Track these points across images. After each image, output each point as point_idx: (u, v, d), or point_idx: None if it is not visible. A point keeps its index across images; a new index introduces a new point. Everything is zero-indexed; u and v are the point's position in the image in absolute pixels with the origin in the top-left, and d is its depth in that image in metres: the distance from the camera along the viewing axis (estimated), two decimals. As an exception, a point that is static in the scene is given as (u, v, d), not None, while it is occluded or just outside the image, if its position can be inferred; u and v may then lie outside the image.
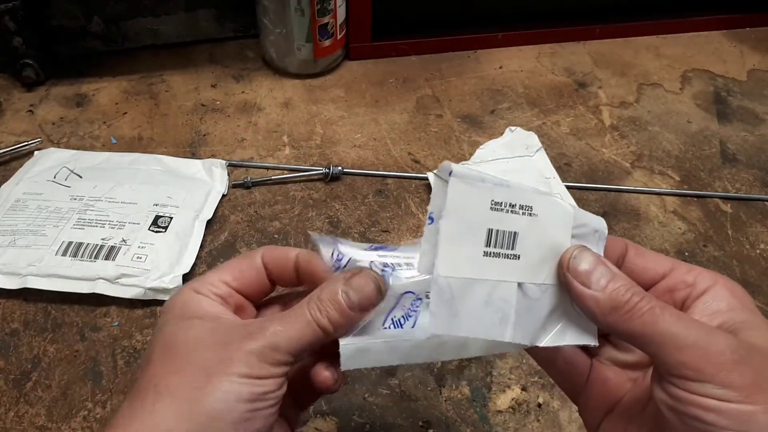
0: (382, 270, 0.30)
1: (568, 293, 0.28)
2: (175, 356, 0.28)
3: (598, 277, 0.27)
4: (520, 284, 0.28)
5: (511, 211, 0.28)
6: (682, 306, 0.29)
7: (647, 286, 0.29)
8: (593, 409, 0.31)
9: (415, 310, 0.30)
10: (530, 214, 0.28)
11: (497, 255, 0.28)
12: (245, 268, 0.32)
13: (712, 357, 0.24)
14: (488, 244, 0.27)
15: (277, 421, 0.29)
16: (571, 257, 0.28)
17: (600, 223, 0.30)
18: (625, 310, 0.26)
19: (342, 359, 0.29)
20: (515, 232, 0.28)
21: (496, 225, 0.27)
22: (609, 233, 0.30)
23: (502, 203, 0.28)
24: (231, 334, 0.28)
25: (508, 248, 0.28)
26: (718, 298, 0.27)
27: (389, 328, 0.30)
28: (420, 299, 0.30)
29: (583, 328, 0.29)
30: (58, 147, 0.72)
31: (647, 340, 0.25)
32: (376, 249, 0.32)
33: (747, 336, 0.26)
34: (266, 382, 0.27)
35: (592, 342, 0.30)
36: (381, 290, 0.29)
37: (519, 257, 0.28)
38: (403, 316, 0.30)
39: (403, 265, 0.31)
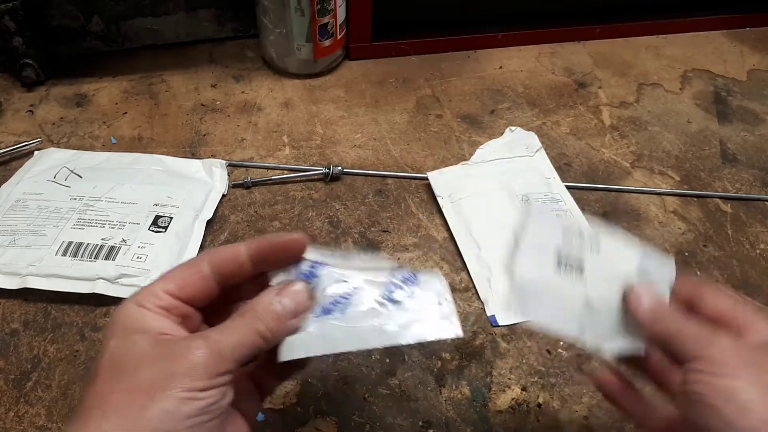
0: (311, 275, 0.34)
1: (626, 311, 0.35)
2: (120, 374, 0.28)
3: (647, 299, 0.35)
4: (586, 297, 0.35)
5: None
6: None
7: (712, 323, 0.34)
8: None
9: (343, 300, 0.34)
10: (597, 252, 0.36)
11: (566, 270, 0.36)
12: (189, 275, 0.32)
13: (711, 344, 0.30)
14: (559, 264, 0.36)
15: (228, 420, 0.30)
16: (633, 286, 0.35)
17: (668, 271, 0.37)
18: (662, 320, 0.33)
19: (279, 351, 0.32)
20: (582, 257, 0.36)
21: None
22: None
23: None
24: (174, 347, 0.29)
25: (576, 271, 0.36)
26: (760, 330, 0.32)
27: (333, 306, 0.33)
28: (347, 296, 0.34)
29: (632, 340, 0.35)
30: (58, 147, 0.72)
31: (674, 338, 0.32)
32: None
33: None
34: (210, 393, 0.28)
35: (640, 350, 0.35)
36: (312, 296, 0.33)
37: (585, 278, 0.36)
38: (331, 303, 0.33)
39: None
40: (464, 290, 0.57)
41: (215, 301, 0.34)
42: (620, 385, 0.38)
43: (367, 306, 0.33)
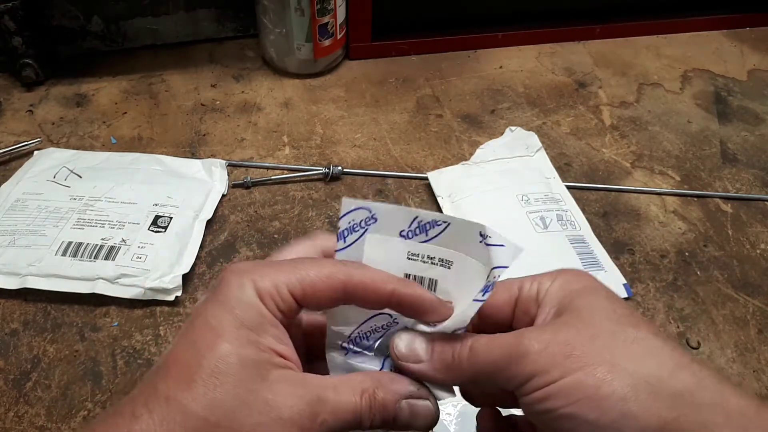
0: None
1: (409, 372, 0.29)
2: (218, 402, 0.24)
3: (420, 352, 0.28)
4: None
5: (431, 263, 0.29)
6: (533, 320, 0.29)
7: (508, 318, 0.30)
8: None
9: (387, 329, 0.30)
10: (448, 267, 0.29)
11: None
12: (321, 280, 0.26)
13: (523, 356, 0.26)
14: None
15: None
16: (394, 346, 0.28)
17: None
18: (453, 364, 0.27)
19: (330, 367, 0.30)
20: (435, 279, 0.29)
21: (413, 272, 0.29)
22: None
23: (418, 255, 0.29)
24: (284, 401, 0.25)
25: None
26: (551, 292, 0.29)
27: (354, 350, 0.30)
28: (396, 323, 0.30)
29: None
30: (58, 147, 0.72)
31: (484, 378, 0.27)
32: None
33: (570, 307, 0.27)
34: None
35: (451, 395, 0.30)
36: (434, 421, 0.28)
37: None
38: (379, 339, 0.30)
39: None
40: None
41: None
42: (496, 423, 0.33)
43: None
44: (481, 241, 0.28)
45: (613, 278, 0.57)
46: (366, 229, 0.29)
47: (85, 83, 0.83)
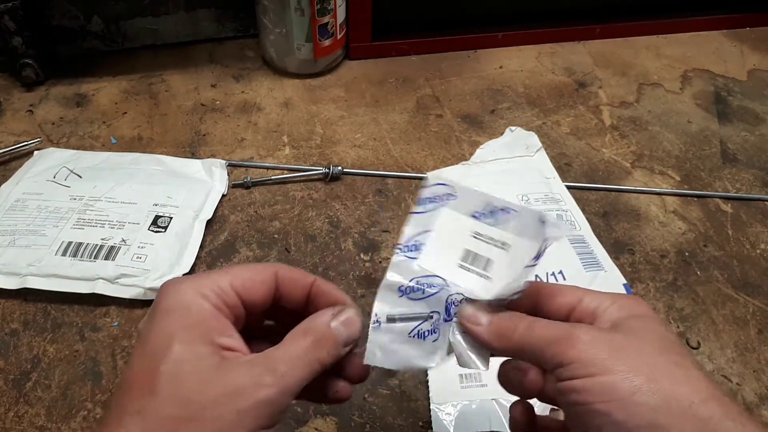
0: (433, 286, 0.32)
1: (465, 335, 0.32)
2: (185, 398, 0.26)
3: (482, 318, 0.32)
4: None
5: (492, 244, 0.33)
6: None
7: (563, 320, 0.32)
8: None
9: (438, 328, 0.32)
10: (506, 249, 0.33)
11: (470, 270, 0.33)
12: (256, 280, 0.30)
13: (572, 343, 0.28)
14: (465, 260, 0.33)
15: None
16: (462, 309, 0.32)
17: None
18: (507, 333, 0.30)
19: (367, 354, 0.31)
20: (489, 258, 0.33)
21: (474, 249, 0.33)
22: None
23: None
24: (240, 378, 0.27)
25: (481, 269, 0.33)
26: (609, 311, 0.30)
27: (414, 337, 0.32)
28: (449, 320, 0.32)
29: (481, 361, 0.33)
30: (58, 147, 0.72)
31: (529, 350, 0.29)
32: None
33: (625, 324, 0.29)
34: (271, 429, 0.27)
35: (484, 367, 0.32)
36: (360, 330, 0.31)
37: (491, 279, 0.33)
38: (428, 331, 0.32)
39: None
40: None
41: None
42: (527, 414, 0.35)
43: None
44: (539, 225, 0.32)
45: (613, 278, 0.57)
46: (444, 204, 0.33)
47: (85, 83, 0.83)
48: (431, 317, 0.32)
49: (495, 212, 0.33)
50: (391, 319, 0.32)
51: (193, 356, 0.27)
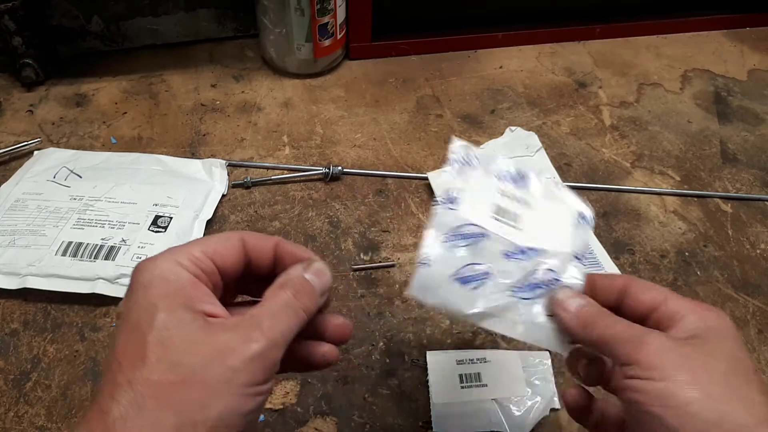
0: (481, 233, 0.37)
1: (552, 318, 0.35)
2: (174, 360, 0.26)
3: (570, 306, 0.34)
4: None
5: (516, 201, 0.39)
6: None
7: (644, 317, 0.33)
8: None
9: (481, 279, 0.36)
10: (529, 207, 0.39)
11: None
12: (225, 246, 0.31)
13: (643, 346, 0.30)
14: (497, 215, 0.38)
15: None
16: (555, 293, 0.35)
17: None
18: (590, 325, 0.33)
19: (413, 286, 0.35)
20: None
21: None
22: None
23: None
24: (228, 337, 0.27)
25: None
26: (689, 320, 0.32)
27: (456, 281, 0.35)
28: (488, 274, 0.36)
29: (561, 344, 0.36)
30: (58, 147, 0.72)
31: (605, 344, 0.32)
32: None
33: (700, 336, 0.30)
34: (266, 387, 0.27)
35: (565, 352, 0.36)
36: (331, 279, 0.33)
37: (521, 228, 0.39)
38: (470, 277, 0.35)
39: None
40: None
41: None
42: (582, 398, 0.37)
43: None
44: (556, 189, 0.39)
45: (613, 278, 0.57)
46: (473, 164, 0.38)
47: (85, 83, 0.83)
48: (474, 264, 0.36)
49: (514, 176, 0.39)
50: (435, 261, 0.35)
51: (178, 322, 0.27)
